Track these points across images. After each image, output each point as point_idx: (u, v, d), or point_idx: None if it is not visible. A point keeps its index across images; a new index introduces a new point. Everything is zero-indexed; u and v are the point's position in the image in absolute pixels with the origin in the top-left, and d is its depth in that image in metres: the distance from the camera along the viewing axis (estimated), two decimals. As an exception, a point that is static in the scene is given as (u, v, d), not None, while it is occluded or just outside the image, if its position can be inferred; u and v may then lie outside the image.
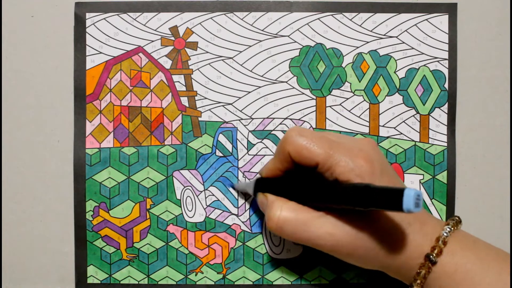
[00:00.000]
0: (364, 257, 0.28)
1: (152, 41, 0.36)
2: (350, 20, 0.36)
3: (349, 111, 0.36)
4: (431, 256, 0.28)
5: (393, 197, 0.24)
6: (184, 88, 0.36)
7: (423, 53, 0.36)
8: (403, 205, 0.23)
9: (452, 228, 0.29)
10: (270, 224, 0.29)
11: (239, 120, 0.36)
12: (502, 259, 0.28)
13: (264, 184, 0.32)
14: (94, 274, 0.36)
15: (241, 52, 0.36)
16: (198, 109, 0.36)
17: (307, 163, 0.29)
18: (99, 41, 0.36)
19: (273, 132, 0.36)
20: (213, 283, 0.36)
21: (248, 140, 0.36)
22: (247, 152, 0.36)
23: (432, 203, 0.36)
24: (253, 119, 0.36)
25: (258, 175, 0.34)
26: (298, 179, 0.30)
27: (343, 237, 0.28)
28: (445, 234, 0.28)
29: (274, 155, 0.31)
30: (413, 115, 0.36)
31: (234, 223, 0.36)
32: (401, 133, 0.37)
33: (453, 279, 0.28)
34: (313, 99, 0.36)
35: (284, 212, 0.29)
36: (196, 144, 0.36)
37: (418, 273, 0.28)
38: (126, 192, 0.36)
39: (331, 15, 0.36)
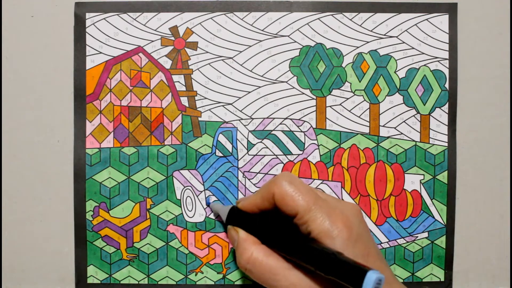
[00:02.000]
0: None
1: (152, 41, 0.36)
2: (350, 20, 0.36)
3: (349, 111, 0.36)
4: None
5: (354, 275, 0.24)
6: (184, 88, 0.36)
7: (423, 53, 0.36)
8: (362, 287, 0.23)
9: None
10: (241, 262, 0.29)
11: (239, 120, 0.36)
12: None
13: (238, 215, 0.32)
14: (94, 274, 0.36)
15: (241, 52, 0.36)
16: (198, 109, 0.36)
17: (287, 211, 0.29)
18: (99, 41, 0.36)
19: (273, 132, 0.36)
20: (213, 283, 0.36)
21: (248, 140, 0.36)
22: (247, 152, 0.36)
23: (433, 203, 0.36)
24: (253, 119, 0.36)
25: (232, 205, 0.34)
26: (273, 223, 0.30)
27: None
28: None
29: (257, 192, 0.31)
30: (414, 115, 0.36)
31: (234, 223, 0.36)
32: (402, 133, 0.37)
33: None
34: (313, 99, 0.36)
35: (256, 254, 0.29)
36: (196, 144, 0.36)
37: None
38: (126, 192, 0.36)
39: (331, 15, 0.36)
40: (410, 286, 0.36)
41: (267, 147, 0.36)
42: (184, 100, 0.36)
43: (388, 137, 0.37)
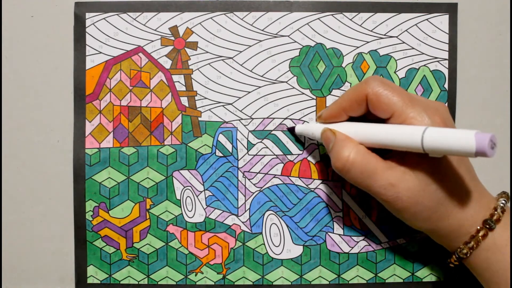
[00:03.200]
0: (418, 215, 0.28)
1: (152, 41, 0.36)
2: (350, 20, 0.36)
3: (349, 111, 0.36)
4: (489, 221, 0.28)
5: (466, 139, 0.23)
6: (184, 88, 0.36)
7: (423, 53, 0.36)
8: (475, 147, 0.23)
9: (507, 201, 0.29)
10: (338, 164, 0.29)
11: (239, 120, 0.36)
12: None
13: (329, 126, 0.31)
14: (94, 274, 0.36)
15: (241, 52, 0.36)
16: (198, 109, 0.36)
17: (383, 111, 0.28)
18: (99, 41, 0.36)
19: (273, 132, 0.36)
20: (213, 283, 0.36)
21: (248, 140, 0.36)
22: (247, 152, 0.36)
23: (432, 203, 0.36)
24: (253, 119, 0.36)
25: (314, 121, 0.32)
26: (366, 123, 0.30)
27: (404, 191, 0.28)
28: (501, 204, 0.29)
29: (342, 97, 0.30)
30: (413, 115, 0.36)
31: (234, 223, 0.36)
32: (401, 133, 0.36)
33: (502, 253, 0.28)
34: (313, 99, 0.36)
35: (355, 155, 0.28)
36: (196, 144, 0.36)
37: (472, 237, 0.28)
38: (126, 192, 0.36)
39: (331, 15, 0.36)
40: (410, 286, 0.36)
41: (267, 147, 0.36)
42: (184, 100, 0.36)
43: (388, 137, 0.37)
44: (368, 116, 0.30)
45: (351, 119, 0.31)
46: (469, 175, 0.29)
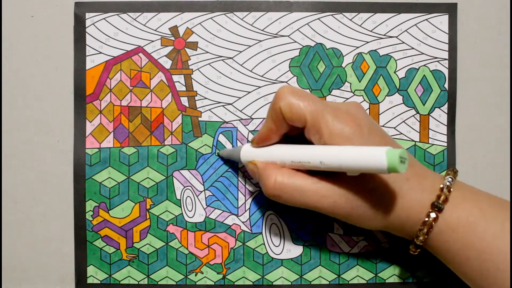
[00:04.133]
0: (363, 217, 0.29)
1: (152, 41, 0.36)
2: (350, 20, 0.36)
3: (349, 111, 0.36)
4: (436, 203, 0.28)
5: (376, 158, 0.24)
6: (184, 88, 0.36)
7: (423, 53, 0.36)
8: (387, 165, 0.23)
9: (453, 178, 0.29)
10: (268, 192, 0.29)
11: (239, 120, 0.36)
12: (504, 209, 0.28)
13: (251, 152, 0.32)
14: (94, 274, 0.36)
15: (241, 52, 0.36)
16: (198, 109, 0.36)
17: (296, 121, 0.28)
18: (99, 41, 0.36)
19: (273, 132, 0.36)
20: (213, 283, 0.36)
21: (248, 140, 0.36)
22: (247, 152, 0.36)
23: (432, 203, 0.36)
24: (253, 119, 0.36)
25: (246, 144, 0.33)
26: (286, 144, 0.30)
27: (339, 199, 0.28)
28: (447, 183, 0.29)
29: (265, 120, 0.31)
30: (413, 115, 0.36)
31: (234, 223, 0.36)
32: (401, 133, 0.37)
33: (456, 232, 0.28)
34: (313, 99, 0.36)
35: (280, 178, 0.29)
36: (196, 144, 0.36)
37: (424, 223, 0.28)
38: (126, 192, 0.36)
39: (331, 15, 0.36)
40: (410, 286, 0.36)
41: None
42: (184, 100, 0.36)
43: (388, 137, 0.37)
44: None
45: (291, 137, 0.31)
46: None
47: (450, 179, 0.29)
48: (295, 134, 0.31)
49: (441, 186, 0.29)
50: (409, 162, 0.28)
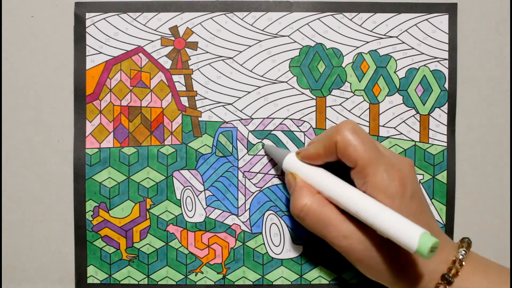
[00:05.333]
0: (373, 269, 0.29)
1: (152, 41, 0.36)
2: (350, 20, 0.36)
3: (349, 111, 0.36)
4: (446, 276, 0.28)
5: (409, 237, 0.24)
6: (184, 88, 0.36)
7: (423, 53, 0.36)
8: (417, 248, 0.24)
9: (467, 251, 0.29)
10: (294, 210, 0.30)
11: (239, 120, 0.36)
12: None
13: (295, 163, 0.32)
14: (94, 274, 0.36)
15: (241, 52, 0.36)
16: (198, 109, 0.36)
17: (347, 161, 0.29)
18: (99, 41, 0.36)
19: (273, 132, 0.36)
20: (213, 283, 0.36)
21: (248, 140, 0.36)
22: (247, 152, 0.36)
23: (432, 203, 0.36)
24: (253, 119, 0.36)
25: (292, 153, 0.33)
26: (331, 174, 0.30)
27: (357, 244, 0.28)
28: (461, 256, 0.28)
29: (318, 141, 0.31)
30: (413, 115, 0.36)
31: (234, 223, 0.36)
32: (401, 133, 0.37)
33: None
34: (313, 99, 0.36)
35: (311, 203, 0.29)
36: (196, 144, 0.36)
37: None
38: (126, 192, 0.36)
39: (331, 15, 0.36)
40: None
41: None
42: (184, 100, 0.36)
43: (387, 137, 0.37)
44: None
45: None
46: (430, 222, 0.29)
47: (463, 252, 0.29)
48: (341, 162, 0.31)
49: (454, 259, 0.29)
50: (434, 231, 0.29)
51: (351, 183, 0.29)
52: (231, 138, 0.36)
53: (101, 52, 0.36)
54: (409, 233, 0.25)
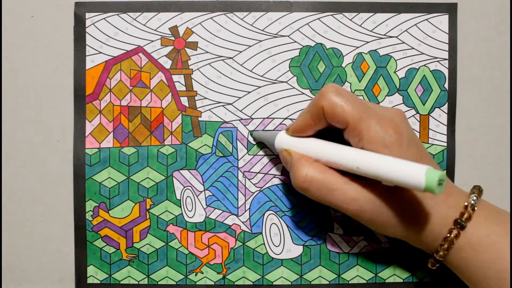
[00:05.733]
0: (386, 225, 0.29)
1: (152, 41, 0.36)
2: (350, 20, 0.36)
3: (349, 111, 0.36)
4: (459, 221, 0.28)
5: (415, 176, 0.24)
6: (184, 88, 0.36)
7: (423, 53, 0.36)
8: (425, 185, 0.23)
9: (478, 197, 0.29)
10: (296, 182, 0.29)
11: (239, 120, 0.36)
12: None
13: (287, 140, 0.32)
14: (94, 274, 0.36)
15: (241, 52, 0.36)
16: (198, 109, 0.36)
17: (338, 122, 0.28)
18: (99, 41, 0.36)
19: (273, 132, 0.36)
20: (213, 283, 0.36)
21: (248, 140, 0.36)
22: (247, 152, 0.36)
23: (432, 203, 0.36)
24: (253, 119, 0.36)
25: (281, 131, 0.33)
26: (324, 140, 0.30)
27: (366, 204, 0.28)
28: (472, 201, 0.29)
29: (305, 111, 0.30)
30: (413, 115, 0.36)
31: (234, 223, 0.36)
32: (401, 133, 0.36)
33: (477, 250, 0.28)
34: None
35: (311, 172, 0.29)
36: (196, 144, 0.36)
37: (445, 238, 0.28)
38: (126, 192, 0.36)
39: (331, 15, 0.36)
40: (410, 286, 0.36)
41: (267, 147, 0.36)
42: (184, 100, 0.36)
43: (388, 137, 0.36)
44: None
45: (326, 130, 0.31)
46: None
47: (475, 197, 0.29)
48: (331, 128, 0.30)
49: (466, 204, 0.29)
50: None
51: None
52: (231, 138, 0.36)
53: (101, 52, 0.36)
54: (414, 173, 0.24)
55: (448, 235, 0.28)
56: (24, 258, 0.37)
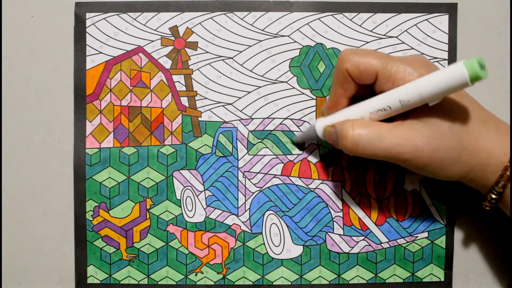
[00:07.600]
0: (445, 162, 0.28)
1: (152, 41, 0.36)
2: (350, 20, 0.36)
3: (349, 111, 0.36)
4: None
5: (456, 72, 0.24)
6: (184, 88, 0.36)
7: (423, 53, 0.36)
8: (468, 74, 0.23)
9: None
10: (345, 143, 0.29)
11: (239, 120, 0.36)
12: None
13: (326, 121, 0.32)
14: (94, 274, 0.36)
15: (241, 52, 0.36)
16: (198, 109, 0.36)
17: (367, 76, 0.29)
18: (99, 41, 0.36)
19: (273, 132, 0.36)
20: (213, 283, 0.36)
21: (248, 140, 0.36)
22: (247, 152, 0.36)
23: (433, 203, 0.36)
24: (253, 119, 0.36)
25: (318, 119, 0.33)
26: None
27: (420, 141, 0.28)
28: None
29: (332, 86, 0.31)
30: (413, 115, 0.36)
31: (234, 223, 0.36)
32: (401, 133, 0.36)
33: None
34: (313, 99, 0.36)
35: (357, 129, 0.29)
36: (196, 144, 0.36)
37: (506, 168, 0.28)
38: (126, 192, 0.36)
39: (331, 15, 0.36)
40: (410, 286, 0.36)
41: (267, 147, 0.36)
42: (184, 100, 0.36)
43: (388, 137, 0.36)
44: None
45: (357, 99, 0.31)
46: (476, 105, 0.29)
47: None
48: (361, 95, 0.31)
49: None
50: (481, 107, 0.29)
51: None
52: (231, 138, 0.36)
53: (101, 52, 0.36)
54: (454, 71, 0.24)
55: (509, 162, 0.27)
56: (24, 258, 0.37)
